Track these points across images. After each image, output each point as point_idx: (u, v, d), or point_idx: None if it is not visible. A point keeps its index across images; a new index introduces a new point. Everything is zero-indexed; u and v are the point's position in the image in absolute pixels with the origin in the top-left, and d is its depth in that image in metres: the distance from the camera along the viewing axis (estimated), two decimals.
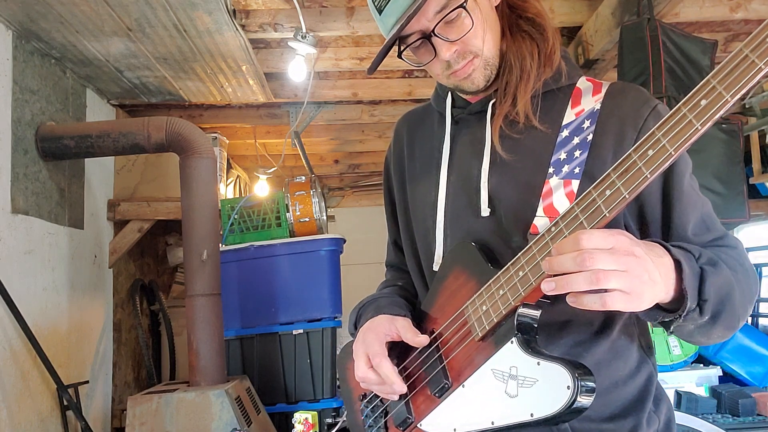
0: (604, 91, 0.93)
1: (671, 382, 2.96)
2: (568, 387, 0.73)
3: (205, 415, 2.55)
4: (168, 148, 2.88)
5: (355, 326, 1.07)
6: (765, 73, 0.64)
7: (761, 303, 3.93)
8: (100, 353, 3.47)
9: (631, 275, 0.69)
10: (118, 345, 3.71)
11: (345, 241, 3.42)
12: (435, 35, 0.90)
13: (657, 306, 0.76)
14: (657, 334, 3.03)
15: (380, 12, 0.91)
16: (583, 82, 0.96)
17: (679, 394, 2.90)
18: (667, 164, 0.70)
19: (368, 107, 4.14)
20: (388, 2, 0.89)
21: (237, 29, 2.70)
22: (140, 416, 2.59)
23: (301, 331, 3.17)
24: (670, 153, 0.69)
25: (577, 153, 0.88)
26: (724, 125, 2.24)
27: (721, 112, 0.66)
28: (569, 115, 0.93)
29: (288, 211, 3.39)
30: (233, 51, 2.94)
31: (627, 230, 0.88)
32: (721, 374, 3.04)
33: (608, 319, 0.91)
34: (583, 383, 0.74)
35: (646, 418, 0.91)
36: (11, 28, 2.62)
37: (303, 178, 3.50)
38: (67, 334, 3.06)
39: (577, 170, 0.87)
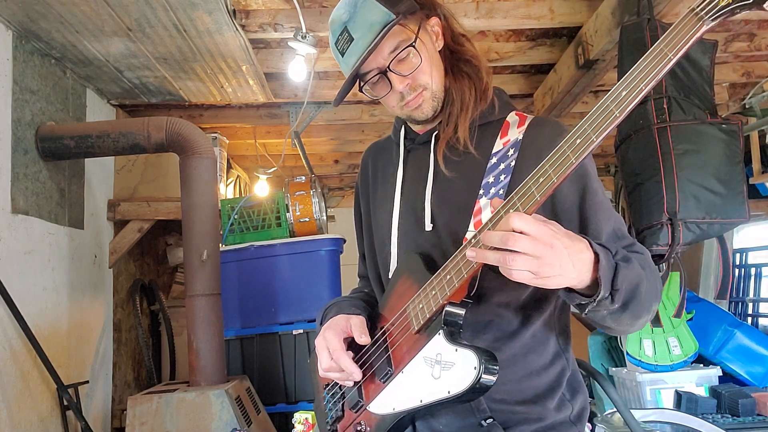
0: (526, 123, 1.10)
1: (671, 382, 2.96)
2: (475, 367, 0.90)
3: (205, 415, 2.55)
4: (168, 148, 2.88)
5: (321, 324, 1.21)
6: (619, 121, 0.82)
7: (761, 303, 3.93)
8: (100, 353, 3.47)
9: (541, 261, 0.82)
10: (118, 345, 3.71)
11: (345, 241, 3.42)
12: (390, 70, 1.08)
13: (573, 291, 0.90)
14: (657, 334, 3.03)
15: (343, 54, 1.08)
16: (512, 117, 1.13)
17: (679, 394, 2.90)
18: (552, 189, 0.85)
19: (368, 107, 4.14)
20: (349, 46, 1.06)
21: (237, 29, 2.71)
22: (140, 416, 2.59)
23: (301, 331, 3.17)
24: (554, 181, 0.85)
25: (502, 177, 1.05)
26: (724, 125, 2.22)
27: (591, 149, 0.84)
28: (498, 145, 1.10)
29: (288, 211, 3.39)
30: (233, 51, 2.94)
31: None
32: (721, 374, 3.04)
33: (525, 319, 1.06)
34: (487, 365, 0.90)
35: (556, 405, 1.06)
36: (11, 28, 2.62)
37: (303, 178, 3.50)
38: (67, 334, 3.06)
39: (501, 192, 1.03)
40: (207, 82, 3.36)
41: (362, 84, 1.12)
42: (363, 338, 1.07)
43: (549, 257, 0.82)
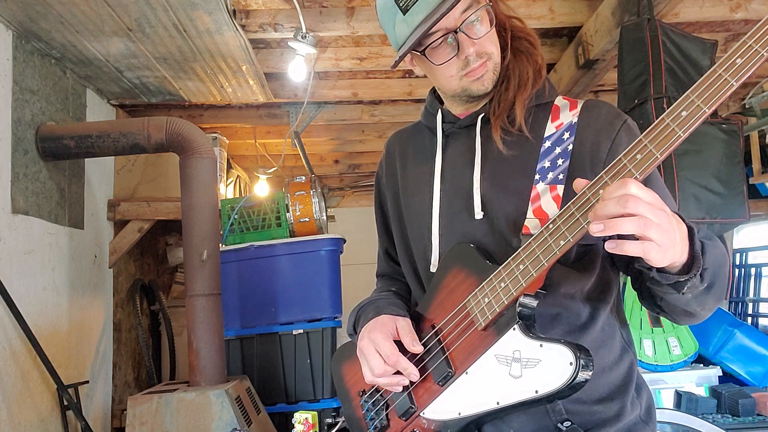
0: (579, 106, 1.04)
1: (671, 382, 2.96)
2: (571, 363, 0.81)
3: (205, 415, 2.55)
4: (168, 148, 2.88)
5: (354, 327, 1.12)
6: (735, 89, 0.74)
7: (761, 303, 3.93)
8: (100, 353, 3.47)
9: (663, 229, 0.75)
10: (118, 345, 3.71)
11: (345, 241, 3.42)
12: (461, 31, 0.98)
13: (664, 271, 0.82)
14: (657, 334, 3.03)
15: (405, 11, 0.98)
16: (560, 100, 1.07)
17: (679, 394, 2.90)
18: (654, 166, 0.78)
19: (368, 107, 4.14)
20: (417, 1, 0.96)
21: (237, 29, 2.70)
22: (140, 416, 2.59)
23: (301, 331, 3.17)
24: (657, 157, 0.77)
25: (559, 161, 0.98)
26: (724, 125, 2.23)
27: (700, 122, 0.76)
28: (550, 128, 1.03)
29: (288, 211, 3.39)
30: (233, 51, 2.94)
31: None
32: (721, 374, 3.04)
33: (594, 311, 1.00)
34: (583, 360, 0.82)
35: (630, 402, 1.00)
36: (11, 28, 2.62)
37: (303, 178, 3.50)
38: (67, 334, 3.06)
39: (561, 176, 0.96)
40: (207, 82, 3.36)
41: (421, 48, 1.01)
42: (415, 347, 0.99)
43: (666, 224, 0.75)
